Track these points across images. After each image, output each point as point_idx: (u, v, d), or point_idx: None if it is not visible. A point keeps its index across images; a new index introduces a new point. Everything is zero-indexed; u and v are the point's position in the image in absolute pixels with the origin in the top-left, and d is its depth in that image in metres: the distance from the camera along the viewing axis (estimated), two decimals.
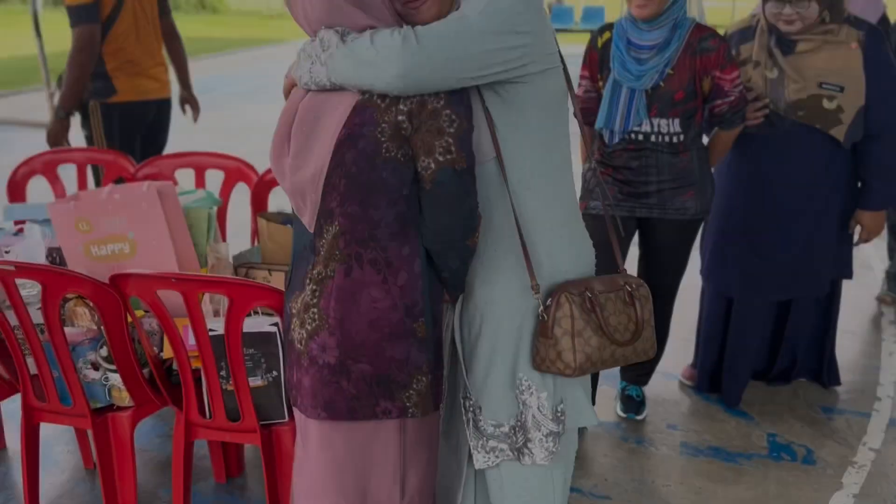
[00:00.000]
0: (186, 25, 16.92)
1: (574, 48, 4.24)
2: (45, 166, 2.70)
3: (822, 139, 2.35)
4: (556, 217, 1.45)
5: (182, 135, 7.07)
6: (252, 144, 6.69)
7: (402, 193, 1.33)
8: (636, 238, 2.51)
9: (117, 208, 2.15)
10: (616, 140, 2.30)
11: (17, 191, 2.66)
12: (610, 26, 2.35)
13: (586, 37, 2.48)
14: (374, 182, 1.31)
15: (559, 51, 1.44)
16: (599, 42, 2.35)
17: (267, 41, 14.54)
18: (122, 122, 3.24)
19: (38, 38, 7.11)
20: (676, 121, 2.25)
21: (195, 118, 3.84)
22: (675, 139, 2.27)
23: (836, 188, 2.44)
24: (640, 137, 2.29)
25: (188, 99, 3.76)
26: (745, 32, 2.44)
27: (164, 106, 3.49)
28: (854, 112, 2.30)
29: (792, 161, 2.40)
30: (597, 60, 2.36)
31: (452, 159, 1.30)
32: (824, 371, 2.80)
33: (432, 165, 1.30)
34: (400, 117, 1.29)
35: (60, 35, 13.82)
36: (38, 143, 6.67)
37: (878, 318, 3.54)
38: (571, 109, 1.54)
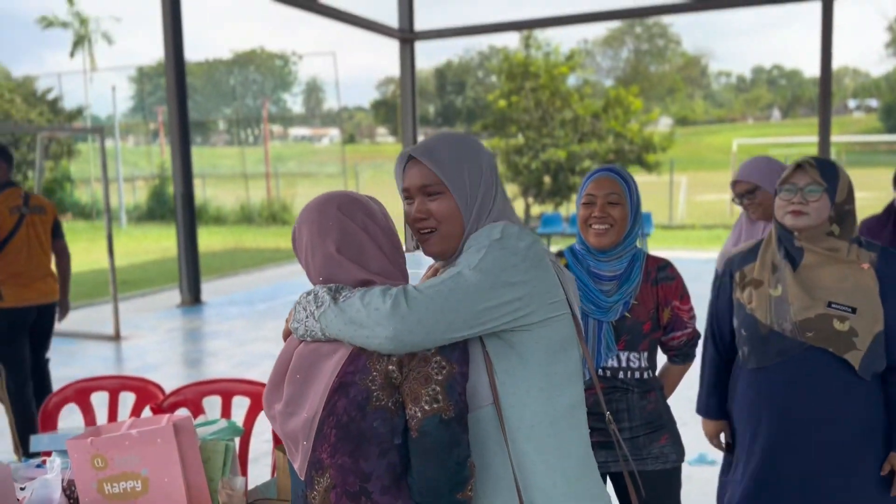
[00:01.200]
0: (258, 238, 18.13)
1: None
2: (78, 395, 2.75)
3: (839, 365, 2.11)
4: (562, 471, 1.36)
5: (245, 347, 7.40)
6: None
7: (393, 444, 1.30)
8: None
9: (133, 444, 2.14)
10: (586, 377, 2.09)
11: (49, 420, 2.70)
12: (561, 254, 2.25)
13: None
14: (364, 431, 1.29)
15: (567, 298, 1.43)
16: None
17: None
18: (8, 323, 4.15)
19: (109, 254, 7.60)
20: (645, 354, 2.16)
21: (59, 319, 4.62)
22: (645, 374, 2.16)
23: (865, 424, 2.14)
24: (608, 374, 2.13)
25: (62, 303, 4.56)
26: (748, 255, 2.33)
27: (44, 310, 4.36)
28: (871, 337, 2.08)
29: (810, 391, 2.14)
30: None
31: (439, 408, 1.28)
32: None
33: (419, 414, 1.28)
34: (391, 367, 1.29)
35: (137, 248, 14.65)
36: (101, 356, 7.00)
37: None
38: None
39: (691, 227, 17.98)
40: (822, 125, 11.44)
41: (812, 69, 77.41)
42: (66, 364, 6.62)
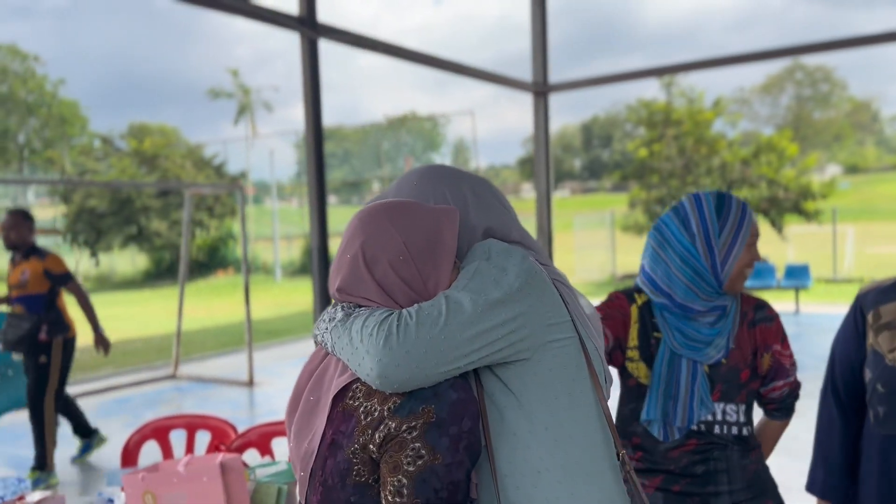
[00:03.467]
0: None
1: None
2: (156, 432, 2.79)
3: None
4: None
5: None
6: None
7: None
8: None
9: (181, 481, 2.11)
10: (676, 436, 1.78)
11: (129, 457, 2.75)
12: (648, 302, 1.87)
13: (788, 295, 2.09)
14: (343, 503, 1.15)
15: (572, 320, 1.23)
16: (639, 300, 1.86)
17: None
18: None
19: (246, 304, 7.95)
20: (743, 407, 1.81)
21: (105, 353, 5.08)
22: (743, 431, 1.81)
23: None
24: (703, 428, 1.79)
25: (99, 338, 5.01)
26: (887, 291, 1.87)
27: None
28: None
29: None
30: (627, 318, 1.83)
31: (401, 503, 1.08)
32: None
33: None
34: (371, 446, 1.12)
35: (288, 300, 15.35)
36: (232, 400, 7.26)
37: None
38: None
39: (860, 280, 16.38)
40: None
41: None
42: (200, 406, 6.93)
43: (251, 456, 2.45)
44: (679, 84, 17.26)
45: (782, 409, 1.93)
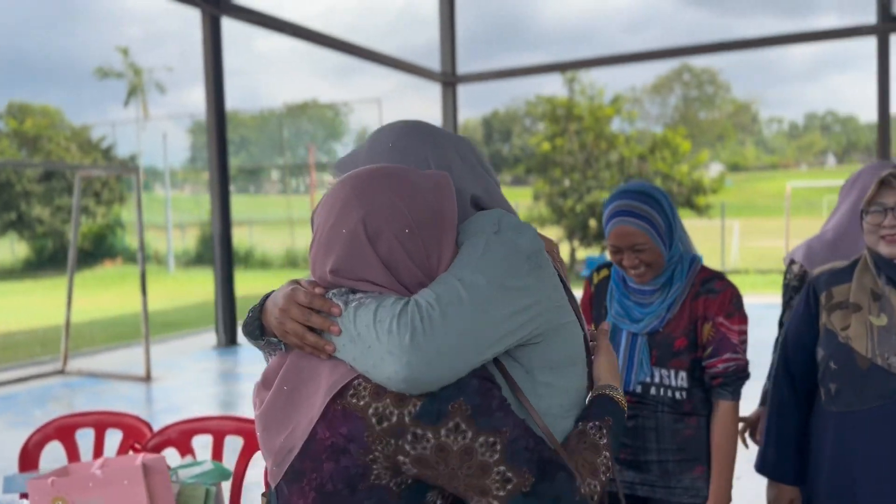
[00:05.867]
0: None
1: None
2: (59, 431, 2.55)
3: None
4: None
5: (228, 385, 7.18)
6: None
7: None
8: None
9: (97, 485, 1.92)
10: None
11: (28, 459, 2.50)
12: (609, 265, 2.12)
13: None
14: None
15: (570, 299, 1.19)
16: (596, 279, 2.14)
17: None
18: None
19: (143, 295, 7.54)
20: (682, 374, 1.91)
21: None
22: (677, 395, 1.91)
23: None
24: (639, 389, 1.96)
25: None
26: (840, 274, 1.93)
27: None
28: None
29: None
30: (589, 299, 2.14)
31: (516, 485, 0.99)
32: None
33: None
34: (402, 458, 1.01)
35: (183, 292, 14.78)
36: (128, 396, 6.86)
37: None
38: None
39: (745, 271, 17.35)
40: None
41: (868, 115, 75.65)
42: (92, 404, 6.51)
43: (170, 456, 2.27)
44: (581, 81, 17.68)
45: (728, 386, 1.92)
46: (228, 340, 9.21)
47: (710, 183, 17.02)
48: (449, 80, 13.52)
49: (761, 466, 2.01)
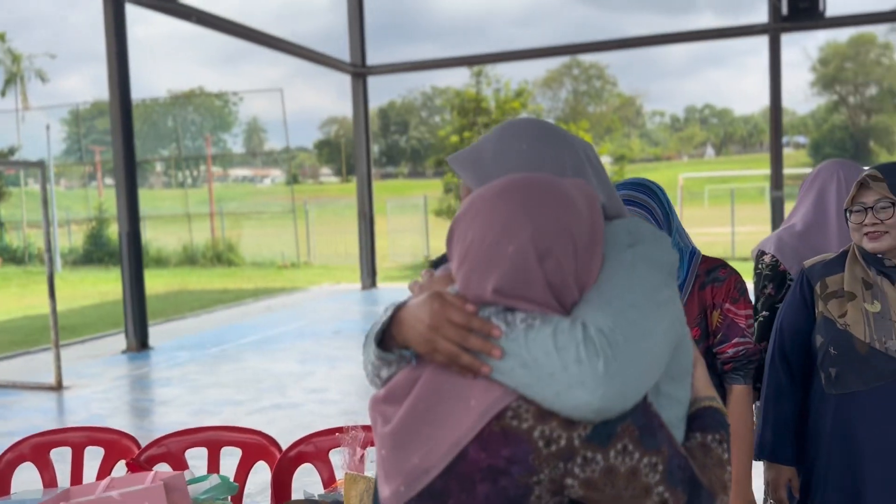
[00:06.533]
0: (202, 279, 17.43)
1: None
2: (35, 451, 2.34)
3: None
4: None
5: (200, 393, 6.87)
6: (267, 397, 6.44)
7: None
8: None
9: None
10: None
11: (1, 482, 2.28)
12: None
13: None
14: None
15: None
16: None
17: (279, 290, 14.81)
18: None
19: (51, 298, 7.05)
20: None
21: None
22: None
23: None
24: None
25: None
26: (832, 265, 2.05)
27: None
28: None
29: None
30: None
31: None
32: None
33: None
34: (569, 480, 0.98)
35: (74, 293, 13.90)
36: (42, 407, 6.38)
37: None
38: None
39: None
40: (774, 158, 11.65)
41: (741, 108, 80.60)
42: (2, 417, 6.03)
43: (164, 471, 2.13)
44: (487, 74, 17.88)
45: (739, 370, 1.94)
46: (140, 344, 8.75)
47: (611, 175, 17.64)
48: (359, 71, 13.34)
49: (759, 451, 2.08)
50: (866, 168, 2.17)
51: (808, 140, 53.55)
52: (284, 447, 2.34)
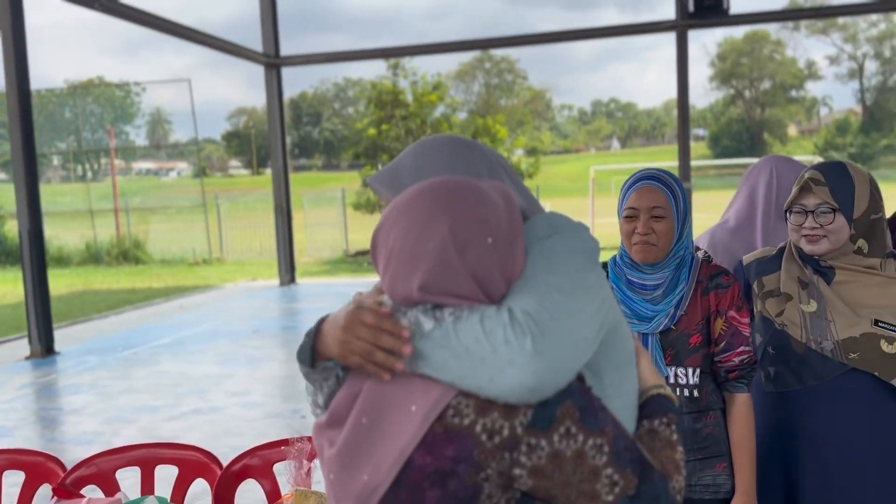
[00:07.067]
0: (108, 278, 16.62)
1: None
2: None
3: (883, 392, 1.89)
4: None
5: (113, 401, 6.51)
6: (186, 402, 6.18)
7: None
8: None
9: None
10: None
11: None
12: (604, 265, 2.04)
13: None
14: None
15: None
16: None
17: (192, 289, 14.29)
18: None
19: None
20: (696, 371, 1.91)
21: None
22: (695, 393, 1.90)
23: None
24: None
25: None
26: (768, 263, 2.08)
27: None
28: None
29: (849, 420, 1.92)
30: None
31: (623, 487, 0.98)
32: None
33: None
34: (517, 471, 0.97)
35: None
36: None
37: None
38: None
39: None
40: (682, 151, 12.07)
41: (644, 102, 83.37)
42: None
43: (94, 495, 1.99)
44: (404, 67, 17.77)
45: (743, 379, 1.92)
46: (45, 350, 8.25)
47: (527, 168, 17.91)
48: (273, 61, 13.00)
49: None
50: (806, 165, 2.21)
51: (707, 132, 55.91)
52: (213, 454, 2.22)
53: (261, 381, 6.95)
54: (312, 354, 1.10)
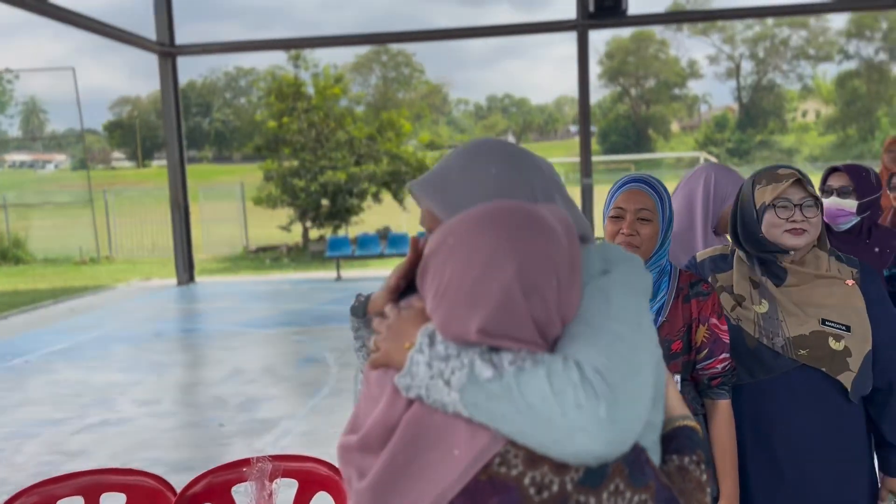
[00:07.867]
0: None
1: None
2: None
3: (830, 387, 1.98)
4: None
5: (9, 414, 5.99)
6: (92, 413, 5.76)
7: None
8: None
9: None
10: None
11: None
12: None
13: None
14: None
15: None
16: None
17: (82, 290, 13.46)
18: None
19: None
20: (677, 377, 1.94)
21: None
22: None
23: (852, 451, 2.05)
24: None
25: None
26: (719, 261, 2.15)
27: None
28: (862, 358, 1.96)
29: (797, 413, 2.01)
30: None
31: None
32: None
33: None
34: None
35: None
36: None
37: None
38: None
39: None
40: (584, 146, 12.42)
41: (537, 98, 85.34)
42: None
43: None
44: (305, 59, 17.34)
45: (725, 385, 1.96)
46: None
47: (432, 162, 17.92)
48: (167, 50, 12.39)
49: None
50: (742, 177, 2.30)
51: (597, 128, 57.90)
52: (165, 479, 2.08)
53: (169, 388, 6.62)
54: (364, 310, 1.23)
